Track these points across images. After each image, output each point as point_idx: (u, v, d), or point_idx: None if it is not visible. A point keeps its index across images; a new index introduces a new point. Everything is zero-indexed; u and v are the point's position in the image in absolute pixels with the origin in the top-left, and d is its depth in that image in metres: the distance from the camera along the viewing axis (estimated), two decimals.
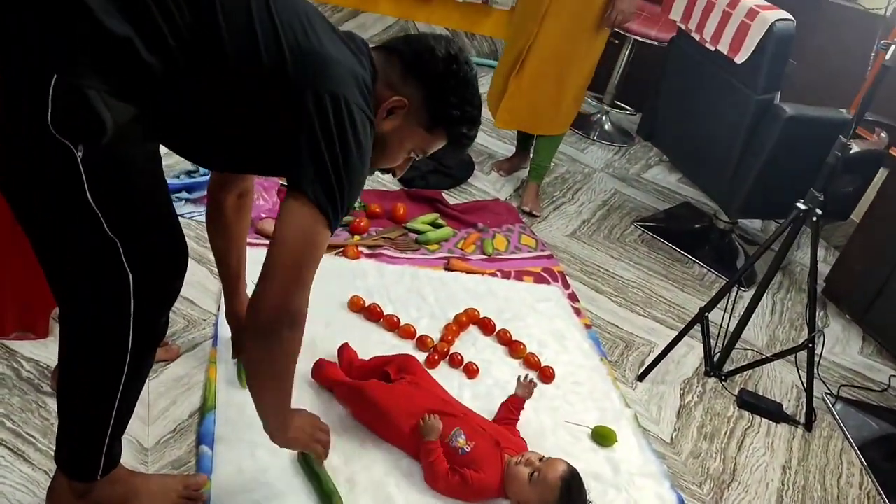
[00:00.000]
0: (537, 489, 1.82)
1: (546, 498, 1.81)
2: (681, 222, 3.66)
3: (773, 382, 2.73)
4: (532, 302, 2.73)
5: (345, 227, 2.82)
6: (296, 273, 1.34)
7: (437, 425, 1.88)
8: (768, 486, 2.26)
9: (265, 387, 1.49)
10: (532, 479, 1.83)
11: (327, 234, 1.34)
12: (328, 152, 1.30)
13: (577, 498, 1.85)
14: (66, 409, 1.45)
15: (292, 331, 1.39)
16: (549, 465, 1.86)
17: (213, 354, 2.09)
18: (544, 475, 1.83)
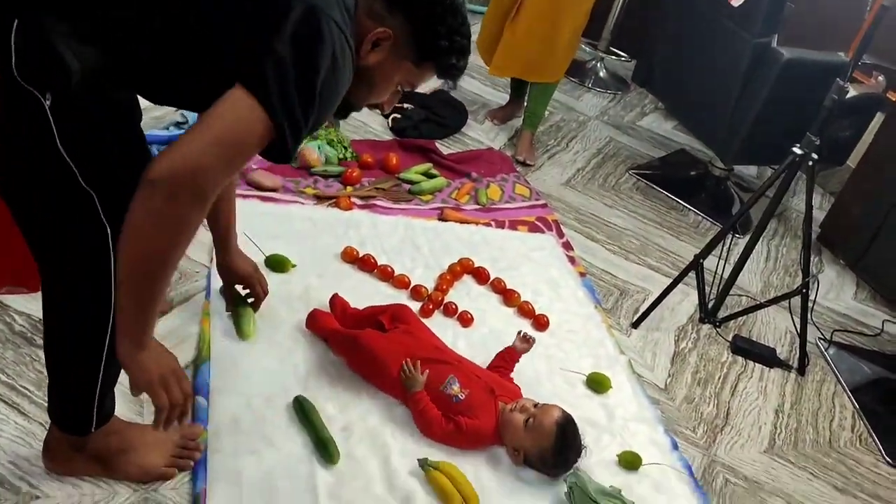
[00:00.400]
0: (532, 435, 1.84)
1: (541, 443, 1.83)
2: (676, 170, 3.64)
3: (767, 328, 2.74)
4: (526, 251, 2.72)
5: (337, 177, 2.79)
6: (219, 149, 1.17)
7: (418, 376, 1.88)
8: (761, 430, 2.28)
9: (135, 270, 1.22)
10: (527, 426, 1.84)
11: (263, 140, 1.19)
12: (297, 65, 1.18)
13: (572, 443, 1.86)
14: (54, 365, 1.44)
15: (192, 204, 1.18)
16: (544, 412, 1.87)
17: (206, 306, 2.09)
18: (539, 421, 1.84)
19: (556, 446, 1.83)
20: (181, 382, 1.37)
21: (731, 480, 2.08)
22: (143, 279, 1.23)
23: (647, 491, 1.93)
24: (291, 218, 2.53)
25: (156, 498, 1.60)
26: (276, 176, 2.67)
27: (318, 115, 1.23)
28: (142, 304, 1.26)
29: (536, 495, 1.84)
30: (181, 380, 1.37)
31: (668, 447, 2.09)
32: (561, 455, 1.84)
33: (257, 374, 1.93)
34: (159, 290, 1.26)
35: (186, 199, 1.16)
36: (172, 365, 1.37)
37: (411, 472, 1.79)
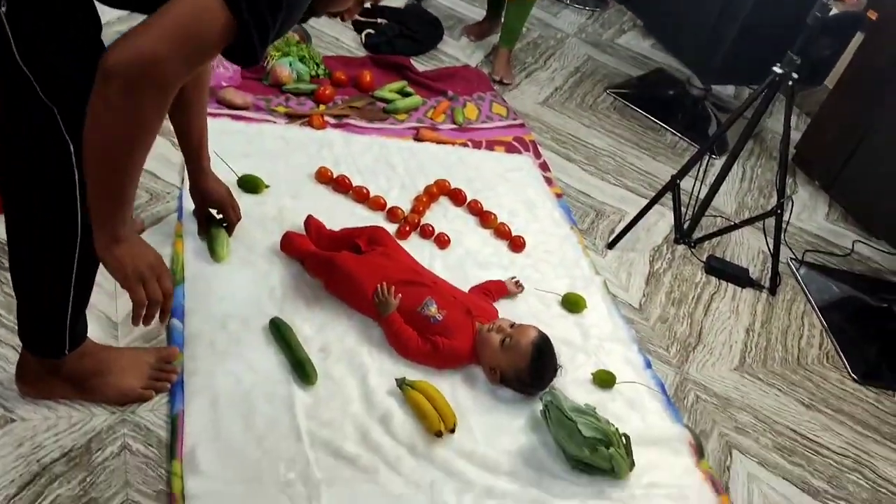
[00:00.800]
0: (509, 354, 1.85)
1: (517, 363, 1.85)
2: (653, 89, 3.59)
3: (741, 248, 2.76)
4: (503, 172, 2.70)
5: (309, 95, 2.72)
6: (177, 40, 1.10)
7: (391, 300, 1.88)
8: (732, 348, 2.33)
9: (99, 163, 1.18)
10: (504, 345, 1.86)
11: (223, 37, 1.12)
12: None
13: (548, 362, 1.89)
14: (23, 288, 1.41)
15: (149, 96, 1.12)
16: (521, 331, 1.88)
17: (178, 228, 2.05)
18: (516, 341, 1.85)
19: (532, 366, 1.85)
20: (161, 279, 1.31)
21: (702, 397, 2.13)
22: (108, 171, 1.19)
23: (620, 408, 1.97)
24: (263, 137, 2.47)
25: (133, 420, 1.60)
26: (247, 94, 2.59)
27: (287, 15, 1.17)
28: (111, 197, 1.22)
29: (512, 413, 1.87)
30: (161, 276, 1.32)
31: (642, 366, 2.12)
32: (537, 374, 1.86)
33: (232, 295, 1.91)
34: (128, 183, 1.22)
35: (142, 90, 1.10)
36: (151, 260, 1.31)
37: (389, 392, 1.80)
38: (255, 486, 1.54)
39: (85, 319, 1.51)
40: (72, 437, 1.53)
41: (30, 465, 1.47)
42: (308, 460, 1.61)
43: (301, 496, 1.54)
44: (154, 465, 1.54)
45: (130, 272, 1.27)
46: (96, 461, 1.51)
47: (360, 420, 1.72)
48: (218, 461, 1.55)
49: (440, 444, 1.72)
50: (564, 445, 1.77)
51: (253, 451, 1.59)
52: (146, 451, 1.56)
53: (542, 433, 1.83)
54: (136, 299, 1.29)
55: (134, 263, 1.28)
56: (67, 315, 1.44)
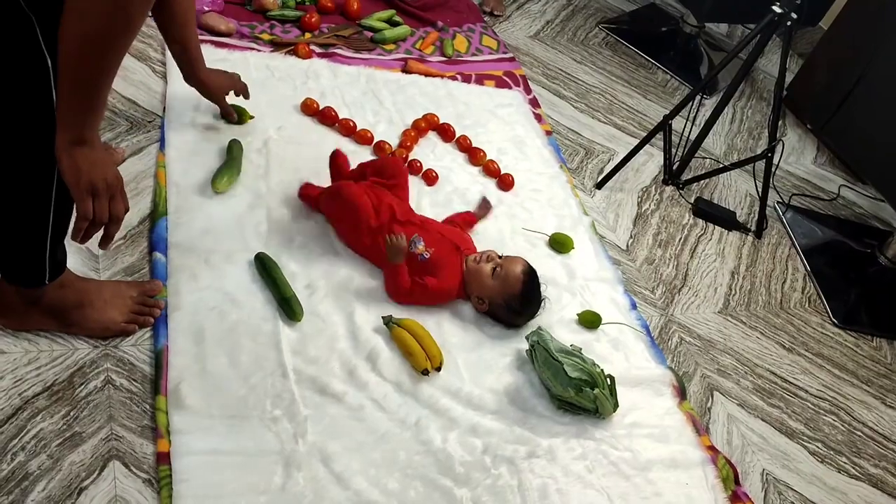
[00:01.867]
0: (499, 283, 1.86)
1: (508, 290, 1.85)
2: (646, 25, 3.52)
3: (729, 191, 2.75)
4: (492, 107, 2.64)
5: (294, 22, 2.63)
6: None
7: (402, 245, 1.84)
8: (716, 291, 2.33)
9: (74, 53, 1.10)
10: (494, 274, 1.87)
11: None
12: None
13: (537, 291, 1.91)
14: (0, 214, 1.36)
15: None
16: (510, 261, 1.90)
17: (160, 158, 1.99)
18: (507, 269, 1.87)
19: (522, 293, 1.86)
20: (113, 199, 1.24)
21: (686, 339, 2.14)
22: (86, 65, 1.11)
23: (605, 349, 1.98)
24: (247, 65, 2.39)
25: (116, 354, 1.58)
26: (230, 20, 2.50)
27: None
28: (84, 94, 1.15)
29: (498, 351, 1.87)
30: (114, 196, 1.24)
31: (627, 307, 2.13)
32: (527, 301, 1.88)
33: (216, 229, 1.87)
34: (104, 81, 1.15)
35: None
36: (109, 175, 1.22)
37: (375, 329, 1.79)
38: (240, 422, 1.53)
39: (64, 248, 1.47)
40: (54, 371, 1.51)
41: (11, 398, 1.45)
42: (294, 397, 1.60)
43: (287, 433, 1.54)
44: (138, 401, 1.52)
45: (84, 180, 1.19)
46: (79, 395, 1.50)
47: (347, 357, 1.72)
48: (203, 397, 1.54)
49: (426, 382, 1.72)
50: (550, 385, 1.78)
51: (238, 388, 1.58)
52: (130, 385, 1.54)
53: (527, 372, 1.84)
54: (81, 211, 1.21)
55: (90, 172, 1.20)
56: (47, 241, 1.39)
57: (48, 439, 1.42)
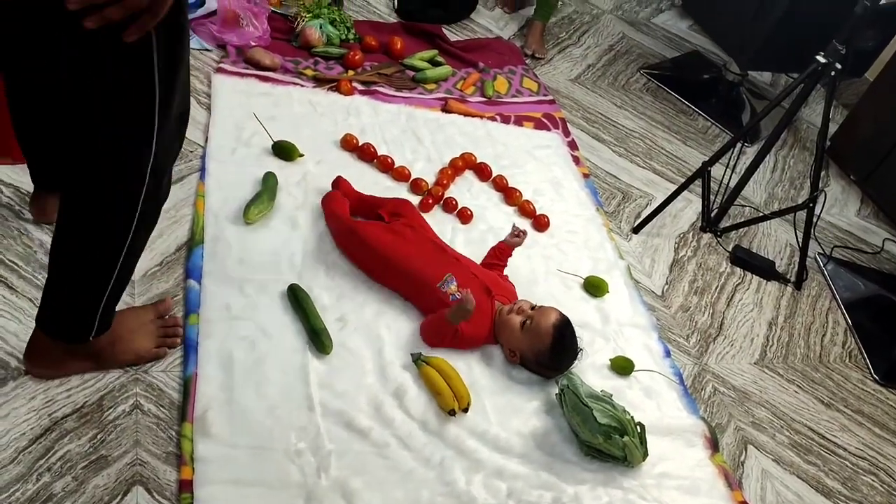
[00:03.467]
0: (529, 337, 1.82)
1: (537, 346, 1.82)
2: (688, 72, 3.52)
3: (768, 240, 2.71)
4: (530, 148, 2.65)
5: (338, 59, 2.68)
6: None
7: (469, 308, 1.77)
8: (753, 341, 2.29)
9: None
10: (524, 328, 1.83)
11: None
12: None
13: (569, 345, 1.86)
14: (63, 272, 1.36)
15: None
16: (542, 314, 1.85)
17: (200, 188, 2.03)
18: (537, 323, 1.82)
19: (552, 348, 1.82)
20: None
21: (720, 389, 2.09)
22: None
23: (636, 396, 1.94)
24: (290, 100, 2.43)
25: (146, 379, 1.59)
26: (276, 54, 2.55)
27: None
28: None
29: (527, 395, 1.84)
30: None
31: (661, 354, 2.09)
32: (557, 358, 1.84)
33: (251, 259, 1.89)
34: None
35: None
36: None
37: (404, 366, 1.78)
38: (264, 453, 1.53)
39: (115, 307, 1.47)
40: (84, 394, 1.53)
41: (41, 418, 1.47)
42: (319, 430, 1.59)
43: (310, 466, 1.53)
44: (165, 427, 1.53)
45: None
46: (107, 419, 1.51)
47: (374, 393, 1.71)
48: (229, 426, 1.54)
49: (452, 422, 1.70)
50: (578, 431, 1.74)
51: (264, 418, 1.58)
52: (157, 411, 1.55)
53: (555, 416, 1.81)
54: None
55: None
56: (102, 303, 1.41)
57: (74, 461, 1.43)
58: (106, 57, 1.12)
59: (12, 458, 1.40)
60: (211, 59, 2.48)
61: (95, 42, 1.07)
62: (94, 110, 1.19)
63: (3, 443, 1.41)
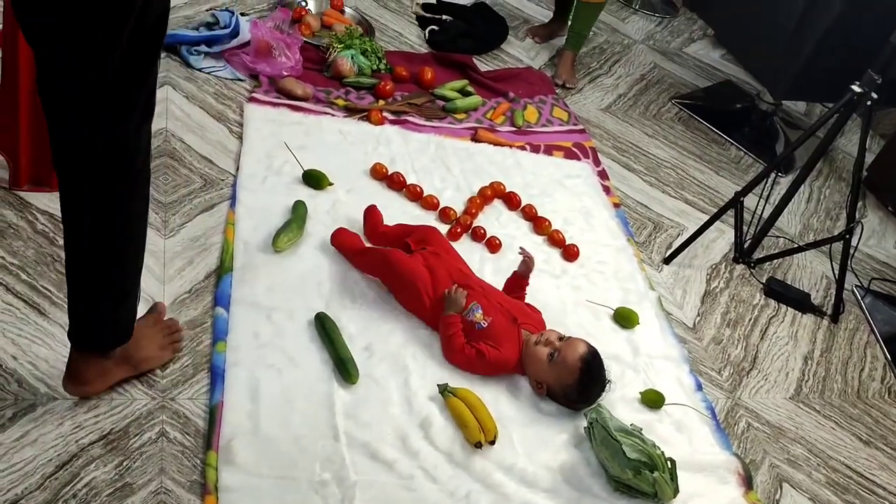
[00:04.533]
0: (556, 369, 1.80)
1: (564, 379, 1.79)
2: (721, 101, 3.49)
3: (803, 272, 2.65)
4: (560, 177, 2.64)
5: (369, 90, 2.70)
6: None
7: (460, 299, 1.84)
8: (788, 376, 2.23)
9: None
10: (552, 360, 1.81)
11: None
12: None
13: (596, 378, 1.83)
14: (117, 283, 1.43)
15: None
16: (569, 346, 1.82)
17: (230, 216, 2.04)
18: (564, 356, 1.80)
19: (580, 382, 1.79)
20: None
21: (754, 425, 2.04)
22: None
23: (667, 430, 1.90)
24: (322, 129, 2.45)
25: (173, 407, 1.60)
26: (308, 84, 2.58)
27: None
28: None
29: (555, 427, 1.81)
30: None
31: (693, 387, 2.05)
32: (585, 390, 1.81)
33: (280, 287, 1.90)
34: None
35: None
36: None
37: (430, 397, 1.76)
38: (289, 483, 1.52)
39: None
40: (111, 420, 1.53)
41: (68, 444, 1.47)
42: (344, 461, 1.58)
43: (335, 497, 1.52)
44: (190, 455, 1.53)
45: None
46: (133, 446, 1.51)
47: (400, 423, 1.69)
48: (254, 455, 1.54)
49: (479, 455, 1.68)
50: (607, 465, 1.71)
51: (289, 448, 1.57)
52: (183, 439, 1.55)
53: (584, 450, 1.77)
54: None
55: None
56: (138, 300, 1.49)
57: (100, 489, 1.43)
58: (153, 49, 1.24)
59: (39, 485, 1.41)
60: (244, 89, 2.52)
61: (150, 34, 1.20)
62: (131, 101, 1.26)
63: (30, 469, 1.42)
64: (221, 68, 2.55)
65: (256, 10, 2.89)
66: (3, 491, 1.38)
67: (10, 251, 1.78)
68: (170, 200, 2.03)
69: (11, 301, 1.68)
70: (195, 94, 2.41)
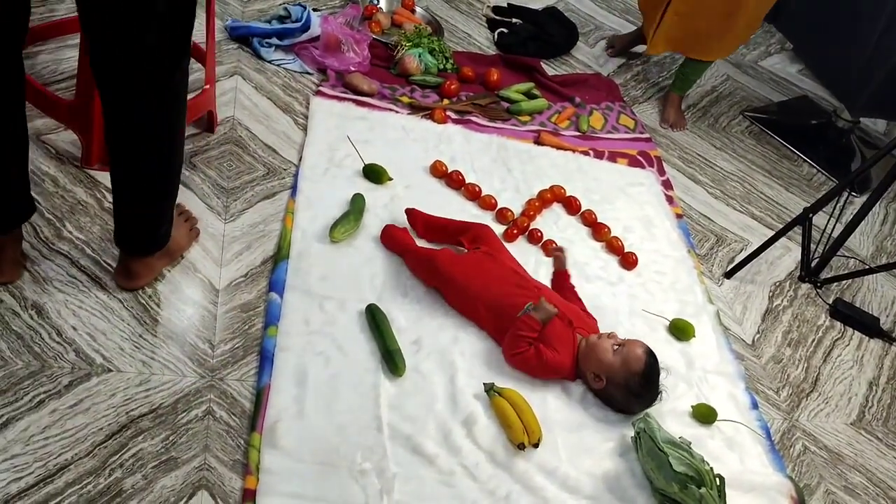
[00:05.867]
0: (621, 359, 1.79)
1: (630, 367, 1.78)
2: (795, 117, 3.39)
3: (873, 295, 2.55)
4: (623, 185, 2.60)
5: (434, 88, 2.70)
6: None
7: (550, 309, 1.81)
8: (850, 401, 2.15)
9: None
10: (616, 351, 1.80)
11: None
12: None
13: (657, 378, 1.82)
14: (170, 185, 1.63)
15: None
16: (633, 342, 1.83)
17: (290, 205, 2.07)
18: (629, 349, 1.80)
19: (644, 374, 1.78)
20: None
21: (811, 448, 1.97)
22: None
23: (718, 447, 1.85)
24: (385, 125, 2.47)
25: (221, 387, 1.62)
26: (374, 81, 2.60)
27: None
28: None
29: (602, 435, 1.78)
30: None
31: (748, 405, 1.99)
32: (647, 384, 1.79)
33: (333, 277, 1.91)
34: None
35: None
36: None
37: (476, 395, 1.75)
38: (329, 470, 1.52)
39: None
40: (161, 395, 1.56)
41: (119, 415, 1.51)
42: (385, 452, 1.58)
43: (374, 487, 1.52)
44: (234, 435, 1.55)
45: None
46: (181, 422, 1.54)
47: (443, 419, 1.68)
48: (296, 440, 1.55)
49: (521, 456, 1.66)
50: (653, 477, 1.67)
51: (332, 435, 1.58)
52: (229, 419, 1.57)
53: (629, 460, 1.74)
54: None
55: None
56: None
57: (146, 460, 1.46)
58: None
59: (88, 452, 1.44)
60: (311, 82, 2.55)
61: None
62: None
63: (81, 436, 1.46)
64: (291, 61, 2.59)
65: (329, 6, 2.93)
66: (54, 455, 1.42)
67: (78, 226, 1.83)
68: (232, 186, 2.07)
69: (76, 274, 1.73)
70: (264, 85, 2.46)
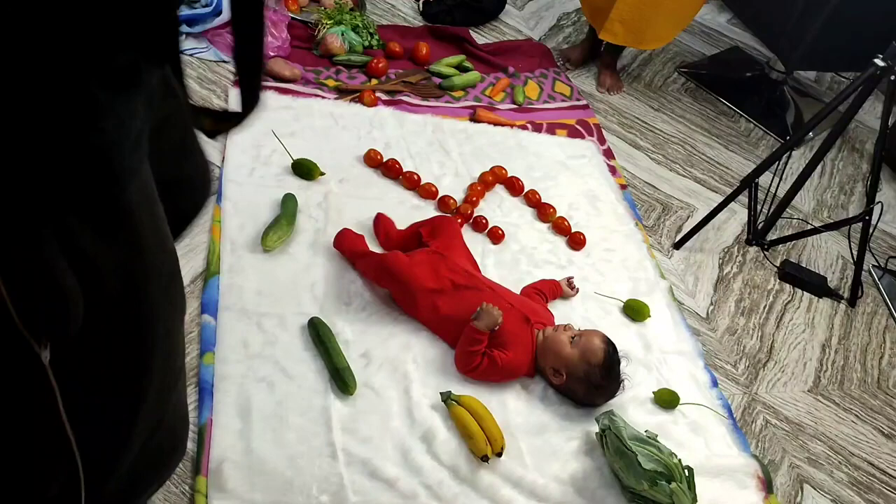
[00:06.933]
0: (580, 352, 1.73)
1: (589, 359, 1.72)
2: (728, 70, 3.34)
3: (818, 252, 2.54)
4: (564, 159, 2.51)
5: (361, 68, 2.55)
6: None
7: (495, 315, 1.72)
8: (806, 366, 2.14)
9: None
10: (573, 342, 1.74)
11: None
12: None
13: (617, 368, 1.76)
14: None
15: None
16: (590, 333, 1.78)
17: (216, 212, 1.92)
18: (587, 340, 1.75)
19: (604, 365, 1.72)
20: None
21: (772, 422, 1.95)
22: None
23: (682, 432, 1.81)
24: (311, 113, 2.32)
25: None
26: (295, 65, 2.44)
27: None
28: None
29: (566, 433, 1.72)
30: None
31: (708, 384, 1.95)
32: (608, 374, 1.73)
33: (270, 291, 1.78)
34: None
35: None
36: None
37: (433, 406, 1.66)
38: None
39: None
40: None
41: None
42: (342, 481, 1.48)
43: None
44: (178, 481, 1.43)
45: None
46: None
47: (401, 437, 1.59)
48: (246, 480, 1.44)
49: (486, 468, 1.59)
50: (621, 476, 1.62)
51: (284, 469, 1.47)
52: None
53: (596, 458, 1.68)
54: None
55: None
56: None
57: None
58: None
59: None
60: (227, 72, 2.38)
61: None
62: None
63: None
64: (204, 49, 2.41)
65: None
66: None
67: None
68: None
69: None
70: None
